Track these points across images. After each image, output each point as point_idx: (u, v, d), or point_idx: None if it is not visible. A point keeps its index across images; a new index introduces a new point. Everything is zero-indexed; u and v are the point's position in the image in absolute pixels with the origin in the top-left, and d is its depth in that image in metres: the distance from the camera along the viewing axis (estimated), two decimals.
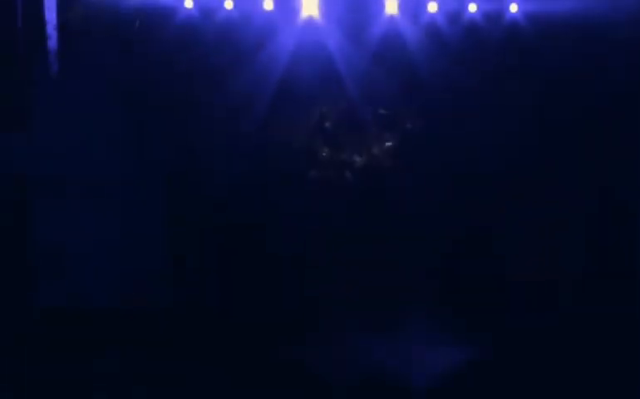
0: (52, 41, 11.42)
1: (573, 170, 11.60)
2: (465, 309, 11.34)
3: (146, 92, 11.64)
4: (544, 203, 11.72)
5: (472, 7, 11.77)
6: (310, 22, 11.94)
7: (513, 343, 10.87)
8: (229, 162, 11.91)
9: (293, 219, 11.80)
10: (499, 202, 11.70)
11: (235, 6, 11.87)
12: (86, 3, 11.51)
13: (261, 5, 11.82)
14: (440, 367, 10.64)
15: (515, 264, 11.66)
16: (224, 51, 11.93)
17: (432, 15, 11.82)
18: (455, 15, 11.87)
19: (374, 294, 11.58)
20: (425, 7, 11.78)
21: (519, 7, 11.70)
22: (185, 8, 11.80)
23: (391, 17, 11.87)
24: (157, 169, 11.78)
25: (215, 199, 11.84)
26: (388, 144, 12.19)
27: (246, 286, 11.67)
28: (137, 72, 11.61)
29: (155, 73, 11.68)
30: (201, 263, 11.77)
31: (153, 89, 11.65)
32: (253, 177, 11.95)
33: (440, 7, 11.78)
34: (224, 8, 11.86)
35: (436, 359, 10.74)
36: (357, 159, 12.18)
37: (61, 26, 11.39)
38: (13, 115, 11.26)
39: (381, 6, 11.83)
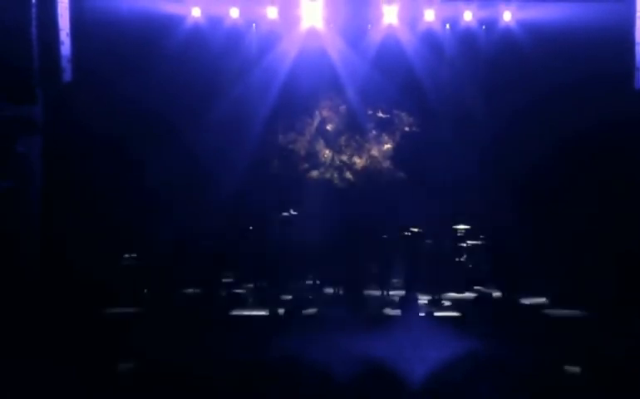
0: (65, 47, 11.81)
1: (570, 169, 11.92)
2: (463, 306, 11.56)
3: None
4: (542, 202, 12.04)
5: (467, 15, 12.27)
6: (312, 30, 12.44)
7: None
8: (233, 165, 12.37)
9: (295, 219, 12.19)
10: (497, 203, 12.02)
11: (241, 15, 12.41)
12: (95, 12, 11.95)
13: (265, 14, 12.33)
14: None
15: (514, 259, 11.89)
16: (230, 57, 12.44)
17: (429, 23, 12.31)
18: (451, 23, 12.39)
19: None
20: (423, 15, 12.28)
21: (512, 16, 12.16)
22: (193, 17, 12.35)
23: (390, 25, 12.37)
24: None
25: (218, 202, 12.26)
26: (387, 146, 12.59)
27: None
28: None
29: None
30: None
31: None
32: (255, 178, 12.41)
33: (436, 16, 12.27)
34: (230, 17, 12.40)
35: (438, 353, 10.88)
36: (357, 160, 12.57)
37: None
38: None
39: (380, 14, 12.32)
